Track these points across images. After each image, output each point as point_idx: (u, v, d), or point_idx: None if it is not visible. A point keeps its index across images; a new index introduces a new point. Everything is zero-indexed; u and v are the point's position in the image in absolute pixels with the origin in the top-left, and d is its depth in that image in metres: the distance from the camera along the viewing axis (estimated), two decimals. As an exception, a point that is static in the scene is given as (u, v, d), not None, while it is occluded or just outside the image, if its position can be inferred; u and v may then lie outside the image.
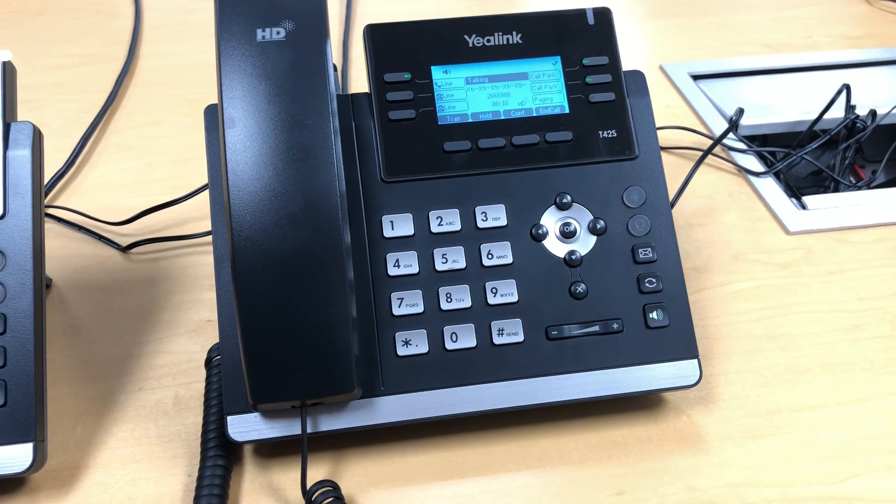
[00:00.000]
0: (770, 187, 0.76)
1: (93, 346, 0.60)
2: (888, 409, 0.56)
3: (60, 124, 0.83)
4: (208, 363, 0.55)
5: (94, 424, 0.54)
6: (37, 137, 0.52)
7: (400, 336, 0.51)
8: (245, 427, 0.49)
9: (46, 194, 0.74)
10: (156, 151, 0.80)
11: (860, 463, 0.52)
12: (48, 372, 0.51)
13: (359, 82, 0.93)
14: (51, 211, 0.71)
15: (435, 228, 0.52)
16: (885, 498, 0.50)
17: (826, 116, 0.83)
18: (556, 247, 0.53)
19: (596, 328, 0.52)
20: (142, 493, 0.50)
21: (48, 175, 0.75)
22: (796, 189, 0.80)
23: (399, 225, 0.52)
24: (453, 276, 0.52)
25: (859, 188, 0.82)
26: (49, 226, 0.70)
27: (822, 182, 0.88)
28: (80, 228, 0.70)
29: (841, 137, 0.84)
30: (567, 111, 0.55)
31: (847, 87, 0.85)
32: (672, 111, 0.88)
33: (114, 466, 0.52)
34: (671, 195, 0.72)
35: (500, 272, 0.52)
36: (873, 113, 0.84)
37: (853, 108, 0.84)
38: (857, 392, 0.57)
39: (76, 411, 0.55)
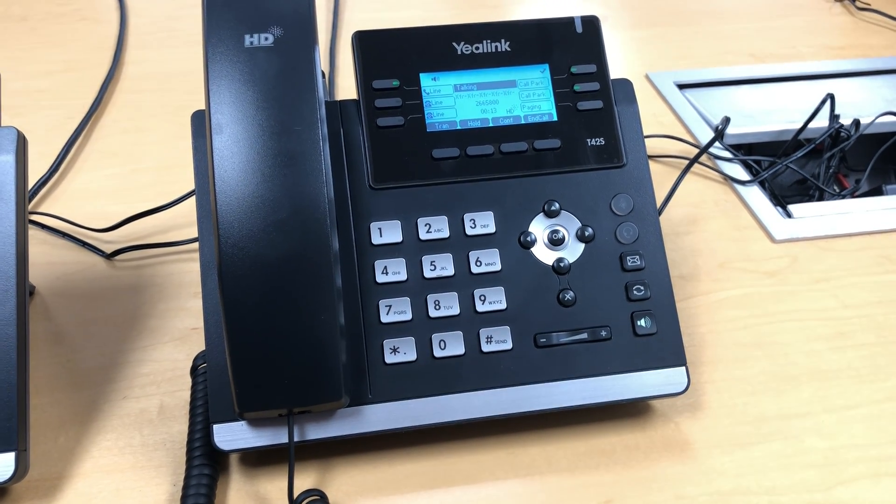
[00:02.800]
0: (755, 196, 0.76)
1: (76, 354, 0.59)
2: (874, 417, 0.56)
3: (44, 130, 0.82)
4: (194, 371, 0.55)
5: (77, 434, 0.53)
6: (21, 143, 0.51)
7: (388, 344, 0.50)
8: (231, 436, 0.48)
9: (30, 200, 0.73)
10: (141, 158, 0.79)
11: (847, 470, 0.52)
12: (30, 381, 0.51)
13: (346, 90, 0.93)
14: (34, 217, 0.70)
15: (423, 235, 0.52)
16: (872, 505, 0.50)
17: (810, 126, 0.84)
18: (545, 254, 0.53)
19: (584, 336, 0.52)
20: (126, 503, 0.49)
21: (32, 181, 0.74)
22: (781, 197, 0.81)
23: (387, 232, 0.52)
24: (441, 284, 0.52)
25: (843, 197, 0.82)
26: (32, 232, 0.69)
27: (807, 191, 0.88)
28: (63, 235, 0.69)
29: (825, 146, 0.85)
30: (555, 119, 0.55)
31: (831, 97, 0.85)
32: (658, 120, 0.88)
33: (97, 476, 0.51)
34: (658, 203, 0.73)
35: (488, 279, 0.52)
36: (857, 122, 0.84)
37: (837, 117, 0.85)
38: (844, 399, 0.57)
39: (59, 420, 0.54)
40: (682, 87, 0.94)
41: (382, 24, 0.56)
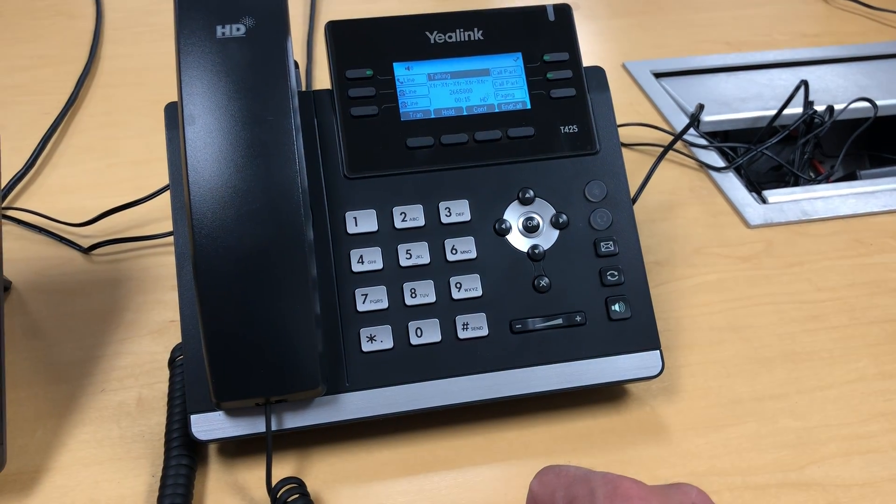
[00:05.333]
0: (731, 182, 0.77)
1: (54, 348, 0.59)
2: (846, 397, 0.57)
3: (19, 126, 0.82)
4: (171, 363, 0.55)
5: (55, 427, 0.53)
6: (-7, 137, 0.51)
7: (364, 332, 0.50)
8: (209, 426, 0.49)
9: (5, 196, 0.73)
10: (117, 152, 0.79)
11: (819, 450, 0.53)
12: (7, 374, 0.51)
13: (323, 82, 0.93)
14: (10, 213, 0.70)
15: (399, 224, 0.52)
16: (843, 483, 0.51)
17: (785, 112, 0.85)
18: (520, 241, 0.53)
19: (559, 321, 0.52)
20: (104, 495, 0.49)
21: (8, 177, 0.74)
22: (757, 184, 0.82)
23: (363, 221, 0.52)
24: (417, 272, 0.52)
25: (818, 182, 0.83)
26: (8, 228, 0.69)
27: (782, 177, 0.89)
28: (40, 230, 0.69)
29: (800, 133, 0.86)
30: (529, 107, 0.55)
31: (805, 84, 0.86)
32: (635, 108, 0.89)
33: (75, 469, 0.51)
34: (633, 191, 0.73)
35: (464, 267, 0.52)
36: (831, 108, 0.85)
37: (811, 103, 0.86)
38: (816, 381, 0.58)
39: (36, 414, 0.54)
40: (658, 75, 0.95)
41: (359, 15, 0.56)
